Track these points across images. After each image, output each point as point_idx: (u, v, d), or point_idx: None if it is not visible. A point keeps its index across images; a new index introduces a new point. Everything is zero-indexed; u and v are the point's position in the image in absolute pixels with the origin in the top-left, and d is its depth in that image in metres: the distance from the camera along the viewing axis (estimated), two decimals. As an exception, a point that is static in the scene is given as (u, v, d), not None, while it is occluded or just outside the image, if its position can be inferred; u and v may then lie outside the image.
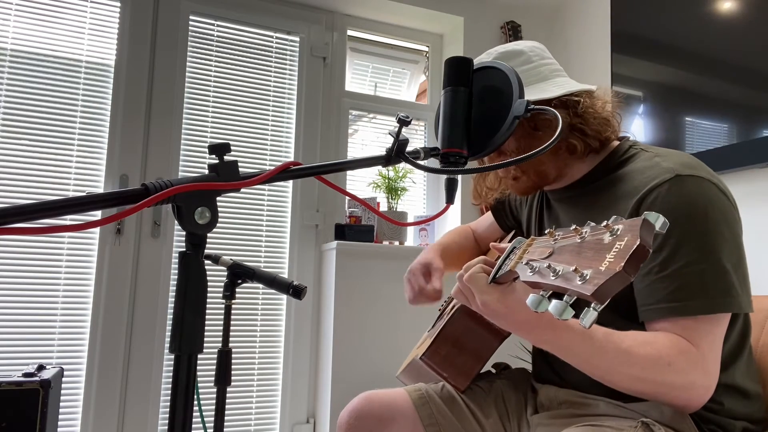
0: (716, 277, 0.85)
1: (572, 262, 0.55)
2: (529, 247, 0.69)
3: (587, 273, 0.51)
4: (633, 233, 0.51)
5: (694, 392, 0.84)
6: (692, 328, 0.84)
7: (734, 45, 1.87)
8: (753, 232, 1.80)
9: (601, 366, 0.83)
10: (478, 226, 1.45)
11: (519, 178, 1.05)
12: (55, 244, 2.19)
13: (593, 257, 0.53)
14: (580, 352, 0.83)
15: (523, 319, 0.81)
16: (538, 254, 0.63)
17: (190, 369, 0.60)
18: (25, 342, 2.11)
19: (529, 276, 0.61)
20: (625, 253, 0.50)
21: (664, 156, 0.95)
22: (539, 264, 0.60)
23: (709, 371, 0.84)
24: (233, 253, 2.43)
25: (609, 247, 0.52)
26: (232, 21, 2.56)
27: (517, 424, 1.11)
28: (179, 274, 0.61)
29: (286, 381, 2.47)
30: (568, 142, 0.98)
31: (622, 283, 0.50)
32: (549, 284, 0.56)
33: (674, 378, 0.82)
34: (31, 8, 2.24)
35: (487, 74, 0.83)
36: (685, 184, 0.88)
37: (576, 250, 0.57)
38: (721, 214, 0.88)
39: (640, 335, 0.85)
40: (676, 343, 0.83)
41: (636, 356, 0.82)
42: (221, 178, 0.63)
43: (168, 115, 2.39)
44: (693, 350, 0.83)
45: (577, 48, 2.78)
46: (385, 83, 2.99)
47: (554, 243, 0.62)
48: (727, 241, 0.87)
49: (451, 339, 1.07)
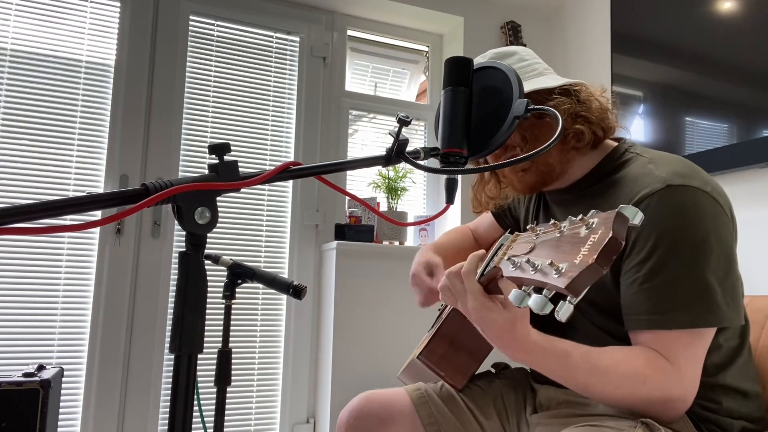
0: (699, 293, 0.85)
1: (550, 256, 0.56)
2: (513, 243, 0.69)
3: (563, 266, 0.52)
4: (606, 226, 0.52)
5: (670, 406, 0.86)
6: (671, 342, 0.86)
7: (734, 45, 1.87)
8: (753, 232, 1.80)
9: (579, 383, 0.87)
10: (478, 225, 1.45)
11: (527, 170, 1.04)
12: (55, 244, 2.19)
13: (569, 251, 0.54)
14: (556, 370, 0.87)
15: (495, 334, 0.85)
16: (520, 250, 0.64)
17: (190, 369, 0.60)
18: (25, 342, 2.11)
19: (511, 271, 0.62)
20: (598, 246, 0.51)
21: (658, 163, 0.95)
22: (520, 259, 0.61)
23: (685, 386, 0.85)
24: (233, 253, 2.43)
25: (584, 241, 0.53)
26: (232, 21, 2.56)
27: (517, 424, 1.11)
28: (179, 274, 0.61)
29: (286, 381, 2.47)
30: (575, 128, 0.99)
31: (595, 276, 0.50)
32: (529, 279, 0.57)
33: (650, 394, 0.84)
34: (31, 8, 2.24)
35: (487, 74, 0.83)
36: (675, 195, 0.88)
37: (555, 245, 0.58)
38: (712, 225, 0.87)
39: (618, 352, 0.88)
40: (652, 360, 0.85)
41: (612, 375, 0.85)
42: (221, 178, 0.63)
43: (168, 115, 2.39)
44: (668, 367, 0.84)
45: (577, 48, 2.78)
46: (385, 83, 2.99)
47: (536, 238, 0.63)
48: (715, 253, 0.86)
49: (448, 338, 1.08)
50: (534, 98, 0.98)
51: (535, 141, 1.00)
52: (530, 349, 0.85)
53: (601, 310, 0.97)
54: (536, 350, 0.85)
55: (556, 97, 0.98)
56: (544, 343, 0.86)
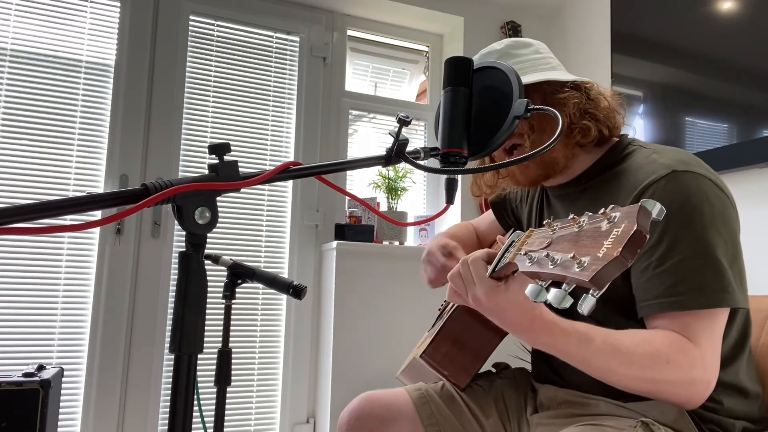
0: (713, 273, 0.85)
1: (570, 250, 0.55)
2: (527, 238, 0.69)
3: (585, 260, 0.52)
4: (630, 219, 0.52)
5: (693, 389, 0.84)
6: (690, 323, 0.85)
7: (734, 45, 1.87)
8: (753, 232, 1.80)
9: (601, 367, 0.84)
10: (480, 223, 1.45)
11: (528, 164, 1.05)
12: (55, 244, 2.19)
13: (591, 244, 0.54)
14: (578, 354, 0.83)
15: (513, 319, 0.81)
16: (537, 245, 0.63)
17: (190, 369, 0.60)
18: (25, 342, 2.11)
19: (528, 266, 0.61)
20: (623, 238, 0.50)
21: (661, 152, 0.96)
22: (538, 254, 0.61)
23: (708, 366, 0.84)
24: (233, 253, 2.43)
25: (606, 234, 0.53)
26: (232, 21, 2.56)
27: (517, 424, 1.11)
28: (179, 274, 0.61)
29: (286, 381, 2.47)
30: (582, 124, 0.99)
31: (619, 269, 0.50)
32: (548, 273, 0.56)
33: (673, 375, 0.82)
34: (31, 8, 2.24)
35: (487, 74, 0.83)
36: (681, 180, 0.89)
37: (574, 239, 0.58)
38: (718, 210, 0.89)
39: (638, 334, 0.86)
40: (674, 340, 0.84)
41: (634, 355, 0.82)
42: (221, 178, 0.63)
43: (168, 115, 2.39)
44: (691, 346, 0.83)
45: (577, 48, 2.78)
46: (385, 83, 2.99)
47: (552, 233, 0.63)
48: (722, 237, 0.87)
49: (451, 337, 1.07)
50: (545, 88, 1.00)
51: (542, 132, 1.01)
52: (551, 329, 0.81)
53: (606, 303, 0.97)
54: (557, 331, 0.82)
55: (567, 91, 1.00)
56: (563, 323, 0.82)
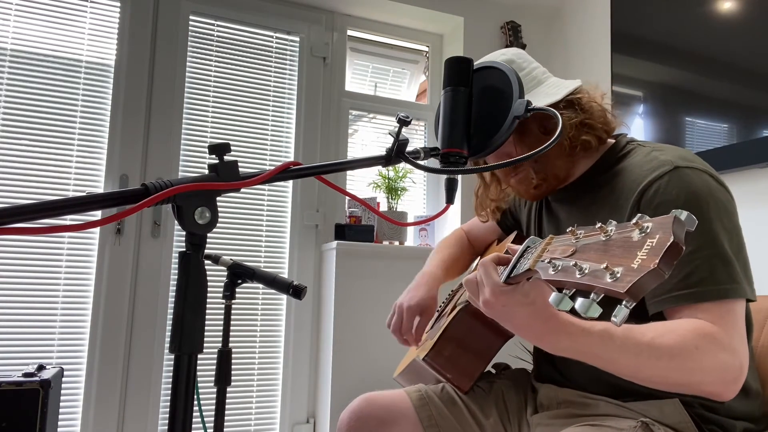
0: (722, 264, 0.85)
1: (600, 260, 0.54)
2: (548, 245, 0.68)
3: (618, 270, 0.51)
4: (665, 230, 0.51)
5: (727, 374, 0.80)
6: (708, 311, 0.83)
7: (734, 45, 1.87)
8: (753, 232, 1.80)
9: (629, 364, 0.79)
10: (472, 227, 1.44)
11: (539, 186, 1.05)
12: (55, 244, 2.18)
13: (623, 255, 0.53)
14: (603, 353, 0.79)
15: (526, 322, 0.77)
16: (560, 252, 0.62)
17: (190, 369, 0.60)
18: (25, 342, 2.11)
19: (551, 275, 0.60)
20: (659, 250, 0.49)
21: (662, 150, 0.97)
22: (562, 262, 0.59)
23: (736, 350, 0.81)
24: (233, 253, 2.43)
25: (640, 245, 0.52)
26: (232, 21, 2.56)
27: (518, 425, 1.11)
28: (179, 274, 0.61)
29: (286, 381, 2.47)
30: (582, 140, 0.99)
31: (656, 281, 0.49)
32: (575, 282, 0.55)
33: (703, 361, 0.79)
34: (31, 8, 2.24)
35: (487, 74, 0.83)
36: (684, 176, 0.90)
37: (602, 249, 0.56)
38: (722, 204, 0.89)
39: (660, 325, 0.83)
40: (699, 326, 0.81)
41: (661, 346, 0.78)
42: (221, 178, 0.63)
43: (168, 115, 2.39)
44: (716, 330, 0.81)
45: (577, 48, 2.78)
46: (385, 83, 2.99)
47: (576, 241, 0.61)
48: (727, 230, 0.88)
49: (454, 339, 1.07)
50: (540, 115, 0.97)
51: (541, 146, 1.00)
52: (568, 329, 0.77)
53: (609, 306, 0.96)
54: (576, 332, 0.77)
55: (562, 113, 0.97)
56: (580, 321, 0.78)
